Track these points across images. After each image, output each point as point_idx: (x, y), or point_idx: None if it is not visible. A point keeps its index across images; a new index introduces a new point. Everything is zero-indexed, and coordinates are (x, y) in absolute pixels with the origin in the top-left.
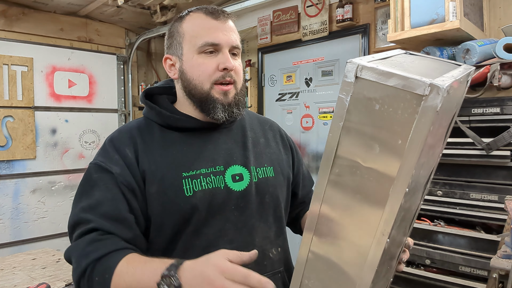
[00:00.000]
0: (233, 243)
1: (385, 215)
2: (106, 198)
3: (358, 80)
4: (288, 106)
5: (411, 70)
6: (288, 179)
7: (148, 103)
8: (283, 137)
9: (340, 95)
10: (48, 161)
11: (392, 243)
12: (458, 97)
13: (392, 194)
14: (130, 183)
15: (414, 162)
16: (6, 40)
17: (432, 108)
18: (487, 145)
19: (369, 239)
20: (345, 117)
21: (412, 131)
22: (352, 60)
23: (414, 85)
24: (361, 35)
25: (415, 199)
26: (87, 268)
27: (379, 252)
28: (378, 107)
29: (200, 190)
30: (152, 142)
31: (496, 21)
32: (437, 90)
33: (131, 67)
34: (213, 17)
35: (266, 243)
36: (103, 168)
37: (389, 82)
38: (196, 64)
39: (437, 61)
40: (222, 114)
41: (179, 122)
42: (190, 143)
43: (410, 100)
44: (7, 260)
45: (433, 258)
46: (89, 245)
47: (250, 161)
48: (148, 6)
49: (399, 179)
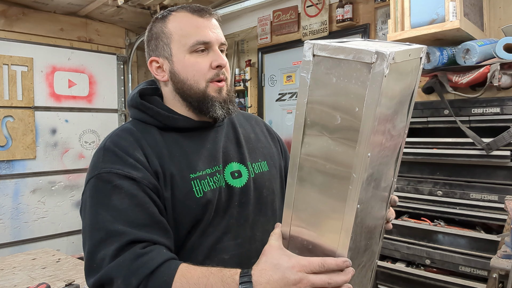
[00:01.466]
0: (237, 238)
1: (353, 181)
2: (131, 205)
3: (315, 58)
4: (288, 106)
5: (362, 46)
6: (281, 171)
7: (144, 103)
8: (270, 130)
9: (302, 73)
10: (48, 161)
11: (366, 213)
12: (412, 72)
13: (357, 160)
14: (155, 185)
15: (371, 125)
16: (6, 40)
17: (380, 74)
18: (487, 145)
19: (341, 207)
20: (308, 93)
21: (366, 97)
22: (309, 41)
23: (363, 54)
24: (361, 35)
25: (385, 173)
26: (139, 285)
27: (352, 218)
28: (335, 80)
29: (209, 190)
30: (156, 145)
31: (496, 21)
32: (382, 56)
33: (131, 67)
34: (200, 15)
35: (266, 237)
36: (120, 175)
37: (340, 55)
38: (189, 64)
39: (393, 43)
40: (220, 111)
41: (177, 122)
42: (190, 144)
43: (361, 70)
44: (7, 260)
45: (433, 258)
46: (135, 260)
47: (246, 157)
48: (148, 6)
49: (360, 144)
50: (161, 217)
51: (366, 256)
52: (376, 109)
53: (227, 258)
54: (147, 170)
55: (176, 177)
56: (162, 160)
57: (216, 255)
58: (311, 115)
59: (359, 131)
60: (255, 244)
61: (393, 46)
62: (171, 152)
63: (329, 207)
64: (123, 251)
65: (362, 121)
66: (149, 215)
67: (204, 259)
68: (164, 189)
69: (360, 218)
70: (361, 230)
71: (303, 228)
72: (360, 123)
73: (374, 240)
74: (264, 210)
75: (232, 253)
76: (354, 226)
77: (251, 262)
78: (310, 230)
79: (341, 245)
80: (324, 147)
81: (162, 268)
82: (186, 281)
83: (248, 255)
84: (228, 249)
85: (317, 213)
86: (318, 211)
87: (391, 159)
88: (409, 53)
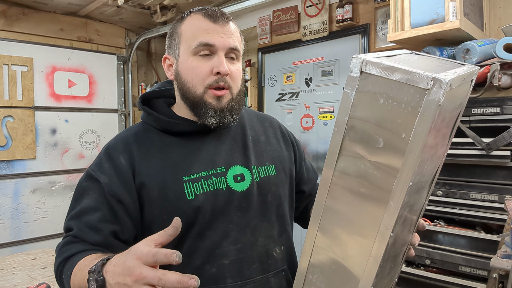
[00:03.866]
0: (237, 243)
1: (389, 209)
2: (90, 207)
3: (363, 75)
4: (288, 106)
5: (415, 66)
6: (291, 175)
7: (146, 109)
8: (284, 133)
9: (346, 89)
10: (48, 161)
11: (396, 239)
12: (462, 96)
13: (396, 188)
14: (116, 193)
15: (417, 155)
16: (6, 40)
17: (435, 102)
18: (487, 145)
19: (373, 233)
20: (350, 111)
21: (415, 124)
22: (358, 56)
23: (418, 79)
24: (361, 35)
25: (419, 197)
26: (59, 265)
27: (383, 246)
28: (382, 101)
29: (202, 193)
30: (151, 147)
31: (496, 21)
32: (439, 83)
33: (131, 67)
34: (211, 19)
35: (270, 242)
36: (92, 176)
37: (393, 76)
38: (190, 66)
39: (442, 60)
40: (213, 119)
41: (178, 126)
42: (190, 147)
43: (414, 94)
44: (7, 260)
45: (433, 258)
46: (63, 246)
47: (251, 160)
48: (148, 6)
49: (402, 172)
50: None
51: (387, 279)
52: (425, 138)
53: (227, 263)
54: (119, 177)
55: (168, 179)
56: (155, 164)
57: (215, 260)
58: (351, 135)
59: (403, 159)
60: (257, 250)
61: (444, 65)
62: (167, 155)
63: (359, 230)
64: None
65: (407, 148)
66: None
67: (203, 263)
68: (150, 191)
69: (390, 244)
70: (389, 255)
71: (328, 246)
72: (405, 151)
73: (397, 264)
74: (268, 215)
75: (232, 258)
76: (384, 253)
77: (252, 268)
78: (336, 250)
79: (368, 271)
80: (361, 169)
81: (78, 255)
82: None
83: (249, 260)
84: (228, 254)
85: (345, 235)
86: (346, 233)
87: (427, 182)
88: (464, 77)
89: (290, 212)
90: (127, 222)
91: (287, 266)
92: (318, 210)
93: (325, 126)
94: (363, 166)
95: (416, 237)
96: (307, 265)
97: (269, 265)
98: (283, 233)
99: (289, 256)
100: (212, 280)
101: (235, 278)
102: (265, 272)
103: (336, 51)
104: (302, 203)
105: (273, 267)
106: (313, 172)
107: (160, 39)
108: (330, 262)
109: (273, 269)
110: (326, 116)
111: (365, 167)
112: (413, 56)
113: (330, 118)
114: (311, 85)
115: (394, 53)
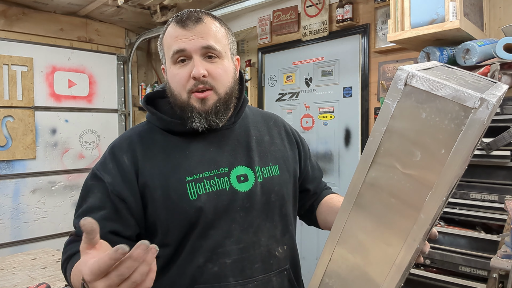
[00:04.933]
0: (239, 243)
1: (419, 221)
2: (94, 206)
3: (407, 87)
4: (288, 106)
5: (457, 82)
6: (295, 175)
7: (149, 108)
8: (288, 131)
9: (387, 100)
10: (48, 161)
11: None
12: (494, 113)
13: (430, 202)
14: (119, 192)
15: (455, 172)
16: (6, 40)
17: (480, 121)
18: (487, 145)
19: (399, 243)
20: (389, 122)
21: (457, 142)
22: (403, 67)
23: (465, 97)
24: (361, 35)
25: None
26: (64, 263)
27: (408, 257)
28: (425, 116)
29: (205, 193)
30: (154, 147)
31: (496, 21)
32: (486, 104)
33: (131, 67)
34: (180, 25)
35: (272, 242)
36: (97, 176)
37: (439, 92)
38: (172, 75)
39: (475, 76)
40: (199, 123)
41: (180, 127)
42: (193, 147)
43: (459, 112)
44: (7, 260)
45: (433, 258)
46: (68, 245)
47: (254, 161)
48: (148, 6)
49: (438, 188)
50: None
51: None
52: (466, 156)
53: (229, 262)
54: (123, 176)
55: (171, 179)
56: (158, 163)
57: (218, 259)
58: (386, 145)
59: (440, 174)
60: (259, 250)
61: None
62: (170, 155)
63: (385, 240)
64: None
65: (446, 165)
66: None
67: (205, 262)
68: (153, 190)
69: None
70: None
71: (349, 252)
72: (443, 167)
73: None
74: (271, 216)
75: (235, 257)
76: (409, 263)
77: (254, 268)
78: (357, 256)
79: (390, 279)
80: (393, 180)
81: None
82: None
83: (251, 260)
84: (230, 253)
85: (370, 241)
86: (371, 239)
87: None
88: (501, 97)
89: (293, 212)
90: (130, 221)
91: (290, 266)
92: (344, 215)
93: (325, 126)
94: (396, 177)
95: (427, 245)
96: (325, 268)
97: (271, 265)
98: (286, 233)
99: (292, 255)
100: (214, 279)
101: (237, 277)
102: (267, 271)
103: (336, 51)
104: (307, 201)
105: (276, 267)
106: (318, 171)
107: None
108: (349, 267)
109: (276, 268)
110: (326, 116)
111: (397, 179)
112: (446, 69)
113: (330, 118)
114: (311, 85)
115: (430, 66)
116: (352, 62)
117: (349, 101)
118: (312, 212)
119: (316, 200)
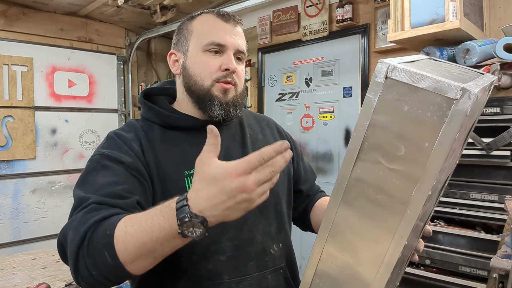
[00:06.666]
0: (234, 240)
1: (406, 217)
2: (111, 182)
3: (388, 80)
4: (288, 106)
5: (440, 74)
6: (289, 174)
7: (147, 103)
8: (281, 132)
9: (368, 94)
10: (48, 161)
11: (406, 246)
12: (480, 104)
13: (415, 197)
14: (142, 172)
15: (440, 165)
16: (6, 40)
17: (462, 112)
18: (487, 145)
19: (387, 240)
20: (372, 116)
21: (440, 134)
22: (383, 60)
23: (446, 88)
24: (361, 35)
25: (431, 203)
26: (87, 232)
27: (397, 254)
28: (407, 109)
29: None
30: (155, 141)
31: (496, 21)
32: (468, 94)
33: (131, 67)
34: (224, 19)
35: (267, 240)
36: (111, 157)
37: (420, 84)
38: (199, 60)
39: (462, 68)
40: (218, 111)
41: (179, 121)
42: (191, 142)
43: (441, 103)
44: (7, 260)
45: (433, 258)
46: (88, 213)
47: None
48: (148, 6)
49: (423, 182)
50: (136, 196)
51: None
52: (449, 148)
53: (223, 259)
54: (139, 159)
55: (171, 173)
56: (158, 155)
57: (212, 256)
58: (370, 140)
59: (424, 168)
60: (254, 247)
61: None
62: (169, 149)
63: (373, 237)
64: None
65: (430, 158)
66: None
67: (199, 259)
68: (155, 182)
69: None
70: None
71: (338, 251)
72: (427, 160)
73: (402, 269)
74: (265, 213)
75: (229, 254)
76: (397, 261)
77: (249, 265)
78: (346, 255)
79: (379, 277)
80: (379, 176)
81: (114, 217)
82: (129, 219)
83: (246, 257)
84: (225, 250)
85: (358, 240)
86: (358, 238)
87: (438, 189)
88: (486, 88)
89: (288, 211)
90: (150, 197)
91: (286, 265)
92: (331, 213)
93: (325, 126)
94: (381, 173)
95: (421, 242)
96: (315, 268)
97: (266, 262)
98: (281, 231)
99: (287, 254)
100: (208, 276)
101: (231, 274)
102: (262, 269)
103: (336, 51)
104: (301, 203)
105: (271, 265)
106: (311, 173)
107: (160, 39)
108: (339, 266)
109: (271, 266)
110: (326, 116)
111: (383, 174)
112: (432, 62)
113: (330, 118)
114: (311, 85)
115: (414, 59)
116: (352, 62)
117: (349, 101)
118: (306, 215)
119: (310, 203)
